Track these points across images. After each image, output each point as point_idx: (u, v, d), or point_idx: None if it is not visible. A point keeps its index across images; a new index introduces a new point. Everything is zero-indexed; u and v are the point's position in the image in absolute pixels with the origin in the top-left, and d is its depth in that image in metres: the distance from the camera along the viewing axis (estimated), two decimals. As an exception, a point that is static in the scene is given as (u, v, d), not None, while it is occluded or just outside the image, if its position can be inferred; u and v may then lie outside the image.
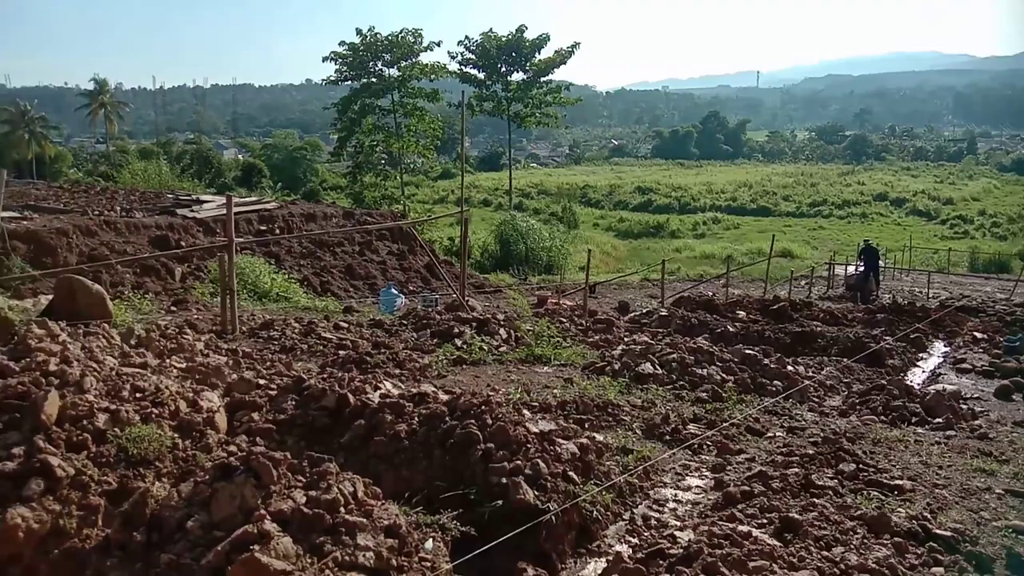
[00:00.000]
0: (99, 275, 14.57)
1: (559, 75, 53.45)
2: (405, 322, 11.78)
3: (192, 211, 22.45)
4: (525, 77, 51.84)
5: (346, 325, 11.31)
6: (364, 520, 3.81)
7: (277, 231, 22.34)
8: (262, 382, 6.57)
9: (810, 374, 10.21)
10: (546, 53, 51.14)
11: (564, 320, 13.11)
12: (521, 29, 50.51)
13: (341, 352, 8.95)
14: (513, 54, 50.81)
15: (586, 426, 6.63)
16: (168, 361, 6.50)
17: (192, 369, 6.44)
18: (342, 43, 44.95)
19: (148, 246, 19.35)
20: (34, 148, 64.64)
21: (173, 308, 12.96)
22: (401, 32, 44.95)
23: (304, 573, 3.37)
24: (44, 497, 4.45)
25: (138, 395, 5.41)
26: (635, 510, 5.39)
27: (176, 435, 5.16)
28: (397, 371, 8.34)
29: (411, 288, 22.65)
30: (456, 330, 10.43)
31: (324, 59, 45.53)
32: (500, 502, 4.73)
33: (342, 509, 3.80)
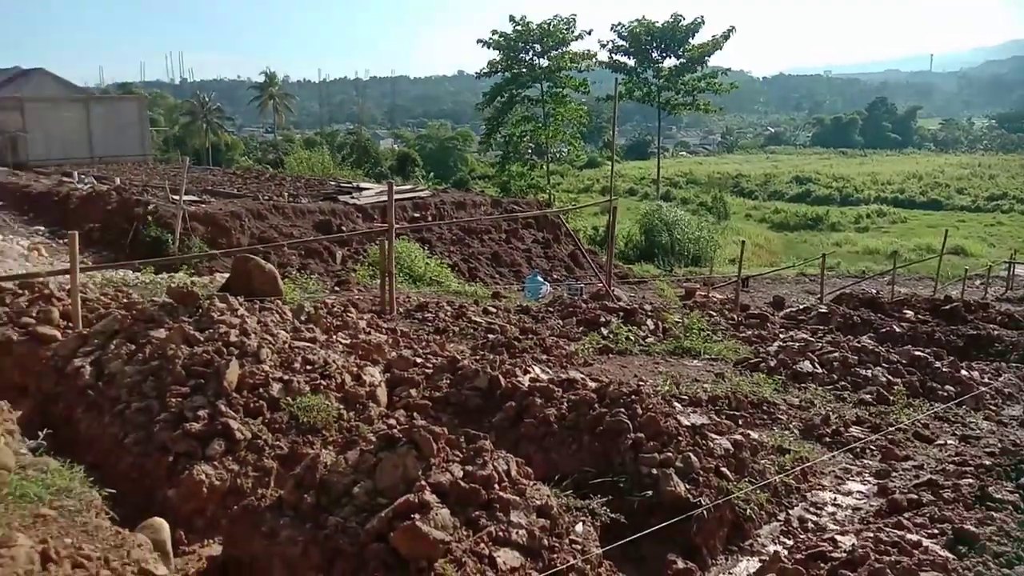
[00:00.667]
0: (268, 256, 15.61)
1: (714, 61, 51.47)
2: (551, 309, 11.88)
3: (352, 198, 23.66)
4: (678, 63, 50.62)
5: (494, 310, 11.55)
6: (517, 498, 3.89)
7: (430, 218, 23.10)
8: (418, 360, 6.84)
9: (986, 380, 9.38)
10: (701, 38, 49.78)
11: (714, 313, 12.77)
12: (677, 18, 49.35)
13: (490, 336, 9.14)
14: (667, 40, 49.74)
15: (739, 423, 6.43)
16: (334, 337, 6.90)
17: (355, 345, 6.79)
18: (494, 31, 45.75)
19: (313, 230, 20.59)
20: (211, 137, 70.13)
21: (336, 288, 13.70)
22: (554, 20, 45.08)
23: (460, 545, 3.49)
24: (224, 457, 4.87)
25: (308, 367, 5.79)
26: (791, 511, 5.20)
27: (341, 406, 5.48)
28: (544, 357, 8.43)
29: (555, 276, 22.79)
30: (603, 319, 10.41)
31: (478, 42, 46.32)
32: (650, 493, 4.70)
33: (496, 486, 3.90)
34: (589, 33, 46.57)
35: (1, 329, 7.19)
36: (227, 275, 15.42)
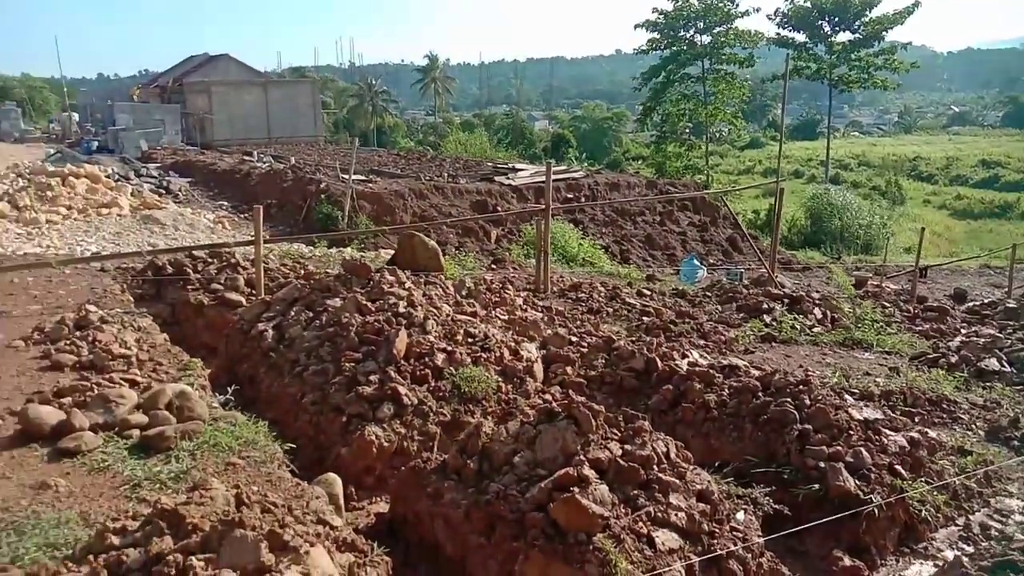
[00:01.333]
0: (428, 233, 16.18)
1: (892, 35, 47.56)
2: (708, 294, 11.56)
3: (508, 178, 24.03)
4: (852, 38, 47.33)
5: (649, 292, 11.40)
6: (677, 481, 3.83)
7: (583, 199, 23.05)
8: (573, 339, 6.87)
9: None
10: (878, 11, 46.25)
11: (887, 304, 11.96)
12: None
13: (645, 318, 9.04)
14: (840, 13, 46.62)
15: (916, 420, 6.01)
16: (493, 313, 7.06)
17: (513, 321, 6.92)
18: (654, 10, 44.75)
19: (470, 209, 21.12)
20: (376, 119, 73.45)
21: (493, 266, 14.00)
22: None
23: (618, 522, 3.48)
24: (393, 420, 5.11)
25: (469, 340, 5.96)
26: (971, 516, 4.81)
27: (500, 379, 5.61)
28: (702, 342, 8.23)
29: (711, 260, 22.13)
30: (765, 306, 10.00)
31: (636, 26, 45.60)
32: (816, 486, 4.49)
33: (655, 467, 3.85)
34: (757, 11, 44.50)
35: (194, 293, 7.91)
36: (391, 251, 16.22)
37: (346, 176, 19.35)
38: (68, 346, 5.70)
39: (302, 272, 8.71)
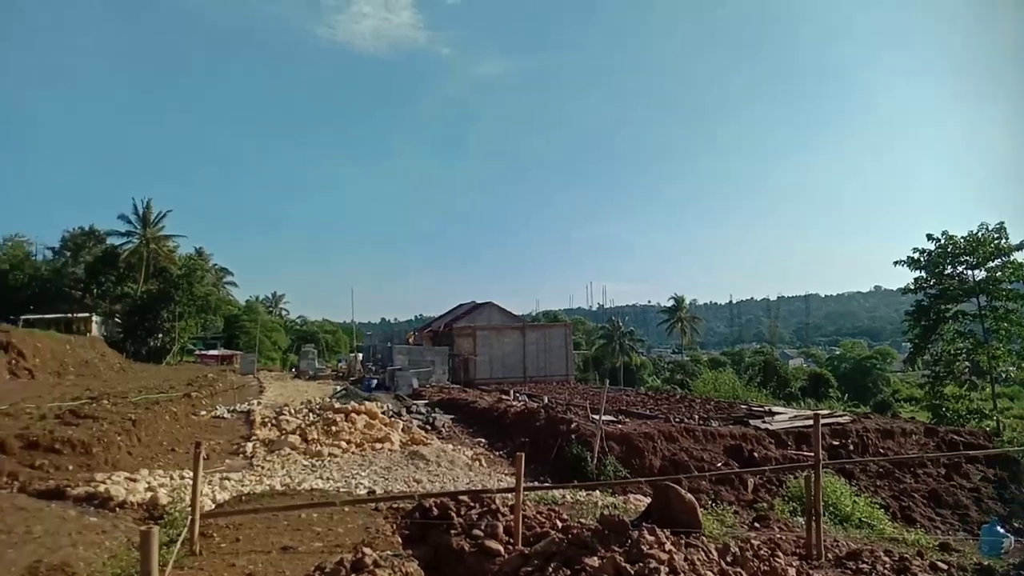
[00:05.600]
0: (680, 481, 15.55)
1: None
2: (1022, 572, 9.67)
3: (764, 422, 22.88)
4: None
5: (945, 567, 9.78)
6: None
7: (851, 447, 21.18)
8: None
9: None
10: None
11: None
12: None
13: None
14: None
15: None
16: (763, 585, 6.40)
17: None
18: (915, 250, 42.76)
19: (723, 454, 20.17)
20: (623, 357, 75.19)
21: (756, 524, 12.95)
22: (979, 230, 40.81)
23: None
24: None
25: (740, 619, 5.39)
26: None
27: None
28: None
29: (1016, 525, 18.76)
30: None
31: (896, 263, 43.70)
32: None
33: None
34: (1033, 242, 40.87)
35: (456, 539, 8.08)
36: (640, 496, 15.73)
37: (596, 417, 19.58)
38: (343, 588, 5.96)
39: (556, 521, 8.63)
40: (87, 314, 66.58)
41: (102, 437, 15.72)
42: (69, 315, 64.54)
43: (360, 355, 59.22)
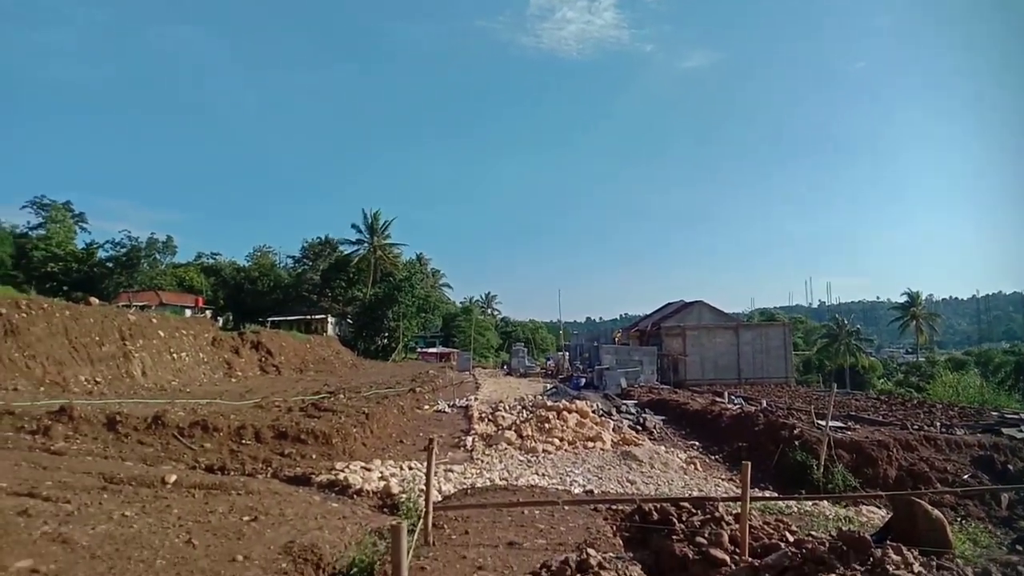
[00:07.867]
0: (923, 497, 14.20)
1: None
2: None
3: (1021, 431, 20.34)
4: None
5: None
6: None
7: None
8: None
9: None
10: None
11: None
12: None
13: None
14: None
15: None
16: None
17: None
18: None
19: (970, 466, 18.16)
20: (848, 359, 70.03)
21: (1018, 547, 11.53)
22: None
23: None
24: None
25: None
26: None
27: None
28: None
29: None
30: None
31: None
32: None
33: None
34: None
35: (679, 545, 7.95)
36: (871, 507, 14.56)
37: (823, 423, 18.40)
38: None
39: (786, 532, 8.21)
40: (323, 315, 73.37)
41: (340, 428, 17.25)
42: (308, 316, 71.55)
43: (567, 354, 60.12)
